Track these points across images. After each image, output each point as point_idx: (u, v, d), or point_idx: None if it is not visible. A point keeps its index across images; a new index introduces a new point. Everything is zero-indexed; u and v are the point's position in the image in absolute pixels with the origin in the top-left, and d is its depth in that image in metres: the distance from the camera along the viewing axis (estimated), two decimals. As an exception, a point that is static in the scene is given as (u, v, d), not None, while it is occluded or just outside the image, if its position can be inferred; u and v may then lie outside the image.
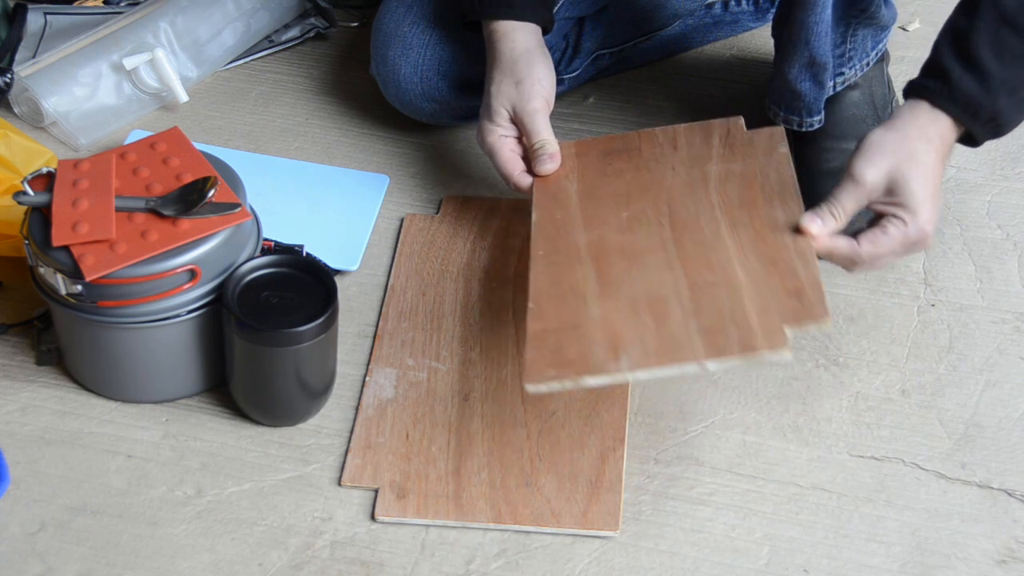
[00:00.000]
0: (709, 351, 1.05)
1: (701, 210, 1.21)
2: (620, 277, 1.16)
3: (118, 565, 1.12)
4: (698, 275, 1.14)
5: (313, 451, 1.21)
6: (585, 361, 1.07)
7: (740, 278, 1.12)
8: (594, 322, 1.11)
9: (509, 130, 1.32)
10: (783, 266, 1.13)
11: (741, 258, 1.14)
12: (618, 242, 1.20)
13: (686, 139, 1.31)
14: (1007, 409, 1.25)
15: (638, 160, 1.30)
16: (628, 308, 1.12)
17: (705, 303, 1.10)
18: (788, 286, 1.10)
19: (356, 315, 1.33)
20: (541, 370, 1.07)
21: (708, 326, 1.08)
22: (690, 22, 1.66)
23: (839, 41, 1.40)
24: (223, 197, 1.18)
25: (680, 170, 1.27)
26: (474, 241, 1.39)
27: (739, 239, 1.17)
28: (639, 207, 1.24)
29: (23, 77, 1.52)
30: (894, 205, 1.16)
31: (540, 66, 1.32)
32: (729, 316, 1.08)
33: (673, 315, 1.10)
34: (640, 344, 1.07)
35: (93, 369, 1.23)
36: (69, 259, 1.13)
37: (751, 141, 1.29)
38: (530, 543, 1.13)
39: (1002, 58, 1.16)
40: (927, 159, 1.16)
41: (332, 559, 1.12)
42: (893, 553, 1.13)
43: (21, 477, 1.18)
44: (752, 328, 1.06)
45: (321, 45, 1.70)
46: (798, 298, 1.09)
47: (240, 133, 1.55)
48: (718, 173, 1.25)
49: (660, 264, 1.16)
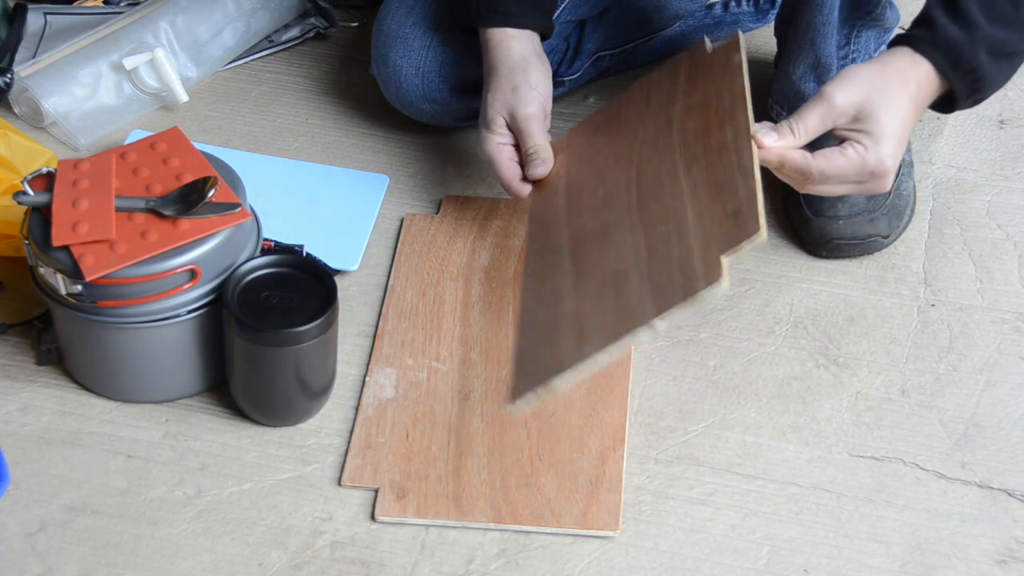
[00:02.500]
0: (656, 306, 1.05)
1: (663, 159, 1.21)
2: (592, 263, 1.16)
3: (118, 565, 1.12)
4: (655, 230, 1.13)
5: (313, 451, 1.21)
6: (557, 360, 1.07)
7: (689, 218, 1.11)
8: (567, 320, 1.12)
9: (506, 137, 1.32)
10: (726, 188, 1.11)
11: (692, 196, 1.13)
12: (593, 226, 1.20)
13: (657, 86, 1.31)
14: (1007, 409, 1.25)
15: (616, 128, 1.31)
16: (595, 293, 1.12)
17: (658, 259, 1.10)
18: (728, 208, 1.09)
19: (356, 315, 1.33)
20: (518, 389, 1.08)
21: (659, 281, 1.08)
22: (690, 23, 1.65)
23: (843, 42, 1.40)
24: (223, 197, 1.18)
25: (649, 123, 1.27)
26: (474, 241, 1.39)
27: (693, 178, 1.15)
28: (612, 181, 1.24)
29: (23, 77, 1.52)
30: (858, 132, 1.15)
31: (536, 72, 1.32)
32: (676, 264, 1.08)
33: (632, 284, 1.10)
34: (600, 326, 1.08)
35: (93, 369, 1.23)
36: (69, 259, 1.13)
37: (711, 62, 1.27)
38: (530, 543, 1.13)
39: (990, 15, 1.16)
40: (900, 99, 1.15)
41: (332, 559, 1.12)
42: (893, 553, 1.13)
43: (21, 477, 1.18)
44: (695, 269, 1.05)
45: (321, 45, 1.70)
46: (735, 219, 1.07)
47: (240, 133, 1.55)
48: (680, 111, 1.24)
49: (624, 232, 1.16)
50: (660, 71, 1.32)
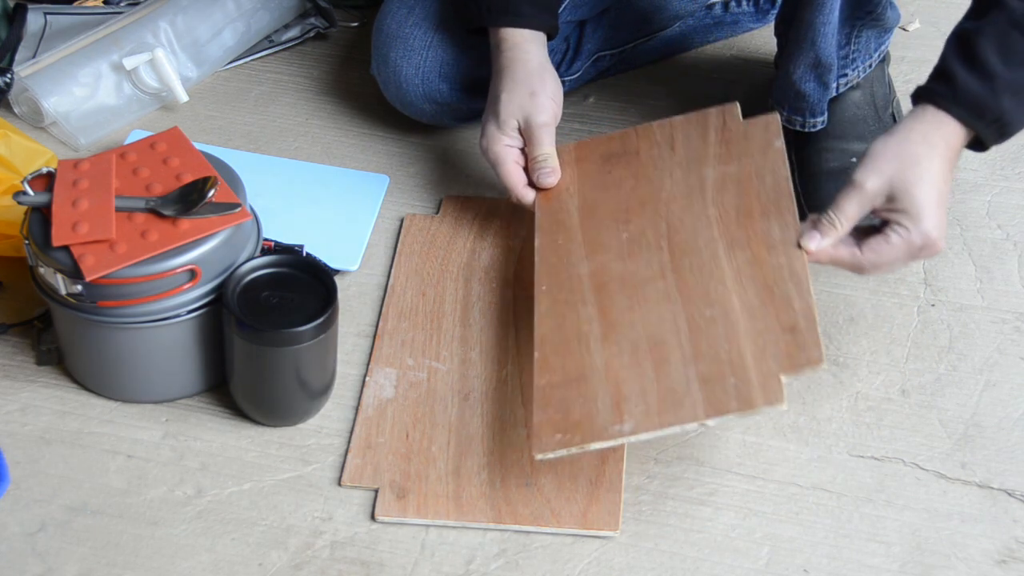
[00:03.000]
0: (709, 408, 1.06)
1: (699, 228, 1.21)
2: (621, 316, 1.17)
3: (118, 565, 1.12)
4: (696, 310, 1.14)
5: (313, 451, 1.21)
6: (591, 424, 1.08)
7: (737, 312, 1.13)
8: (598, 373, 1.12)
9: (516, 140, 1.32)
10: (778, 294, 1.13)
11: (738, 288, 1.15)
12: (619, 271, 1.21)
13: (683, 135, 1.31)
14: (1007, 409, 1.25)
15: (636, 166, 1.30)
16: (630, 354, 1.13)
17: (703, 345, 1.11)
18: (783, 321, 1.11)
19: (356, 315, 1.33)
20: (549, 436, 1.09)
21: (707, 374, 1.09)
22: (690, 23, 1.66)
23: (844, 42, 1.40)
24: (223, 197, 1.18)
25: (678, 175, 1.27)
26: (474, 241, 1.39)
27: (736, 263, 1.17)
28: (638, 226, 1.24)
29: (23, 77, 1.52)
30: (896, 212, 1.15)
31: (552, 81, 1.33)
32: (727, 362, 1.09)
33: (673, 360, 1.11)
34: (643, 401, 1.09)
35: (93, 369, 1.23)
36: (69, 259, 1.13)
37: (746, 135, 1.28)
38: (530, 543, 1.13)
39: (1009, 60, 1.15)
40: (931, 164, 1.15)
41: (332, 559, 1.12)
42: (893, 553, 1.13)
43: (21, 477, 1.18)
44: (749, 378, 1.07)
45: (321, 45, 1.70)
46: (792, 335, 1.09)
47: (240, 133, 1.55)
48: (715, 178, 1.25)
49: (660, 296, 1.17)
50: (685, 119, 1.33)
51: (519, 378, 1.25)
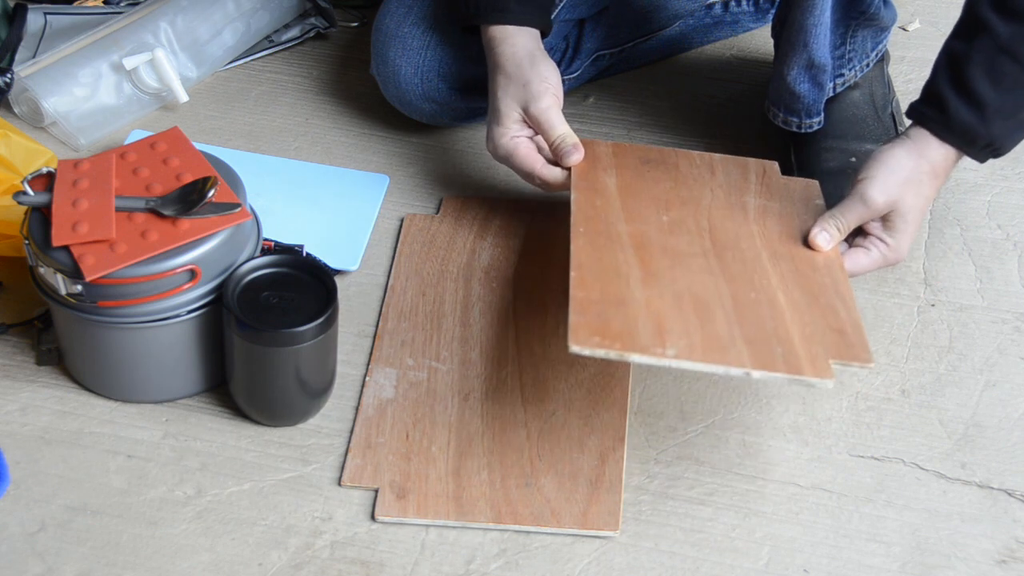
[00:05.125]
0: (755, 362, 1.05)
1: (741, 235, 1.22)
2: (662, 271, 1.16)
3: (118, 565, 1.12)
4: (740, 290, 1.14)
5: (313, 451, 1.21)
6: (632, 337, 1.06)
7: (782, 302, 1.13)
8: (638, 303, 1.11)
9: (522, 130, 1.31)
10: (824, 302, 1.14)
11: (783, 286, 1.16)
12: (659, 241, 1.20)
13: (723, 168, 1.33)
14: (1007, 409, 1.25)
15: (676, 174, 1.32)
16: (671, 300, 1.12)
17: (748, 316, 1.11)
18: (830, 322, 1.12)
19: (356, 315, 1.33)
20: (587, 336, 1.06)
21: (752, 337, 1.08)
22: (690, 23, 1.66)
23: (839, 42, 1.40)
24: (223, 197, 1.18)
25: (719, 193, 1.29)
26: (474, 241, 1.39)
27: (780, 269, 1.18)
28: (679, 215, 1.25)
29: (23, 77, 1.52)
30: (884, 230, 1.22)
31: (544, 65, 1.32)
32: (773, 333, 1.09)
33: (716, 318, 1.10)
34: (686, 336, 1.07)
35: (93, 369, 1.23)
36: (69, 259, 1.13)
37: (787, 187, 1.31)
38: (530, 543, 1.13)
39: (998, 85, 1.18)
40: (928, 190, 1.21)
41: (332, 559, 1.12)
42: (893, 553, 1.13)
43: (21, 477, 1.18)
44: (796, 351, 1.07)
45: (321, 45, 1.70)
46: (840, 335, 1.10)
47: (240, 133, 1.55)
48: (756, 207, 1.27)
49: (702, 269, 1.17)
50: (723, 157, 1.35)
51: (519, 378, 1.25)
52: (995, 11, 1.18)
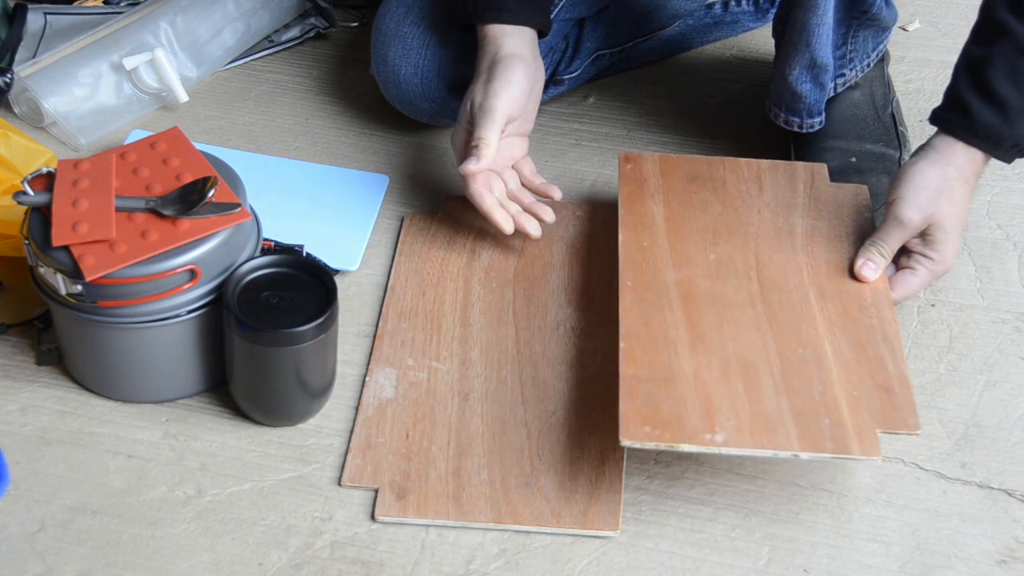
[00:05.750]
0: (804, 442, 1.07)
1: (789, 270, 1.23)
2: (710, 331, 1.17)
3: (118, 565, 1.12)
4: (787, 345, 1.16)
5: (313, 451, 1.21)
6: (681, 426, 1.09)
7: (829, 359, 1.14)
8: (686, 379, 1.12)
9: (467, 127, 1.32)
10: (871, 352, 1.15)
11: (830, 336, 1.17)
12: (706, 288, 1.22)
13: (771, 178, 1.34)
14: (1007, 409, 1.25)
15: (723, 193, 1.32)
16: (719, 368, 1.14)
17: (796, 380, 1.12)
18: (877, 379, 1.13)
19: (356, 315, 1.33)
20: (637, 426, 1.09)
21: (800, 409, 1.10)
22: (690, 22, 1.66)
23: (840, 42, 1.40)
24: (223, 197, 1.18)
25: (766, 215, 1.30)
26: (474, 241, 1.39)
27: (827, 313, 1.19)
28: (726, 251, 1.26)
29: (23, 77, 1.52)
30: (926, 245, 1.23)
31: (518, 68, 1.31)
32: (820, 400, 1.10)
33: (764, 387, 1.12)
34: (735, 417, 1.09)
35: (93, 369, 1.23)
36: (69, 259, 1.13)
37: (835, 197, 1.32)
38: (530, 543, 1.13)
39: (1020, 86, 1.19)
40: (961, 196, 1.22)
41: (332, 559, 1.12)
42: (893, 553, 1.13)
43: (21, 477, 1.18)
44: (844, 422, 1.09)
45: (321, 45, 1.70)
46: (887, 394, 1.11)
47: (240, 133, 1.55)
48: (804, 228, 1.28)
49: (749, 323, 1.18)
50: (772, 165, 1.36)
51: (519, 378, 1.25)
52: (1013, 13, 1.18)
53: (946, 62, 1.63)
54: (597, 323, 1.30)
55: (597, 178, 1.50)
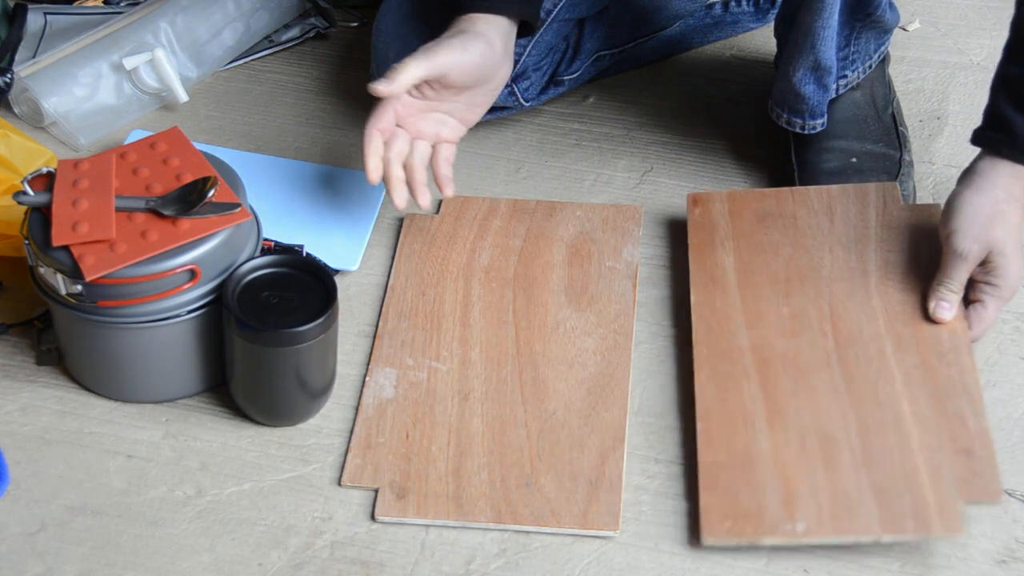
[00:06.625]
0: (885, 524, 1.07)
1: (863, 319, 1.23)
2: (787, 401, 1.17)
3: (118, 565, 1.12)
4: (866, 410, 1.16)
5: (313, 451, 1.21)
6: (761, 517, 1.09)
7: (908, 421, 1.14)
8: (765, 461, 1.13)
9: None
10: (951, 409, 1.15)
11: (908, 393, 1.16)
12: (781, 349, 1.22)
13: (841, 207, 1.33)
14: (1007, 409, 1.25)
15: (793, 233, 1.32)
16: (797, 444, 1.14)
17: (875, 450, 1.12)
18: (958, 440, 1.13)
19: (356, 315, 1.33)
20: (719, 521, 1.10)
21: (881, 485, 1.10)
22: (690, 23, 1.65)
23: (843, 44, 1.40)
24: (223, 197, 1.18)
25: (839, 253, 1.29)
26: (474, 241, 1.39)
27: (904, 366, 1.19)
28: (799, 303, 1.25)
29: (23, 77, 1.52)
30: (988, 273, 1.22)
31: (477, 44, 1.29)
32: (901, 476, 1.10)
33: (844, 462, 1.12)
34: (814, 502, 1.09)
35: (93, 369, 1.23)
36: (69, 259, 1.13)
37: (908, 222, 1.31)
38: (530, 543, 1.13)
39: None
40: (1014, 218, 1.21)
41: (332, 559, 1.12)
42: (893, 553, 1.13)
43: (21, 477, 1.18)
44: (926, 499, 1.08)
45: (321, 45, 1.70)
46: (968, 458, 1.11)
47: (240, 133, 1.55)
48: (877, 264, 1.27)
49: (826, 387, 1.18)
50: (842, 190, 1.35)
51: (519, 378, 1.25)
52: None
53: (946, 62, 1.64)
54: (597, 323, 1.30)
55: (597, 178, 1.50)
